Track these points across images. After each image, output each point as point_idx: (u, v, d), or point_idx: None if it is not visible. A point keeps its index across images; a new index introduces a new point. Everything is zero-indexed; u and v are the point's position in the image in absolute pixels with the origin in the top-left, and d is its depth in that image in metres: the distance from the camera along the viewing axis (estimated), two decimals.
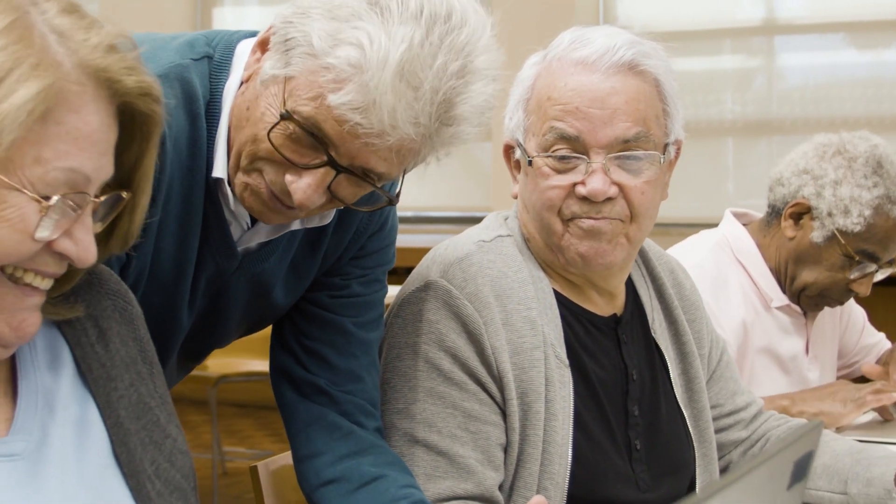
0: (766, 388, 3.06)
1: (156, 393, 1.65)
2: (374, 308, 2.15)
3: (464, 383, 2.08)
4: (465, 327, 2.08)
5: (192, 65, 1.86)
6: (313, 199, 1.78)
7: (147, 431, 1.60)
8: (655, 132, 2.14)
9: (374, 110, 1.69)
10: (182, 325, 1.98)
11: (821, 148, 3.07)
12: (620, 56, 2.12)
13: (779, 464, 1.32)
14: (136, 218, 1.56)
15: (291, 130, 1.75)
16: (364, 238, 2.10)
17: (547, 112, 2.13)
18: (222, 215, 1.92)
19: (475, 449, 2.06)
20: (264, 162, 1.79)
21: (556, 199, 2.13)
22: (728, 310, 3.01)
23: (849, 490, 2.29)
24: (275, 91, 1.76)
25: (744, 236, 3.15)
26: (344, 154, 1.75)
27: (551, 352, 2.12)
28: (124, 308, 1.66)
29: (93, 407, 1.57)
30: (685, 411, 2.31)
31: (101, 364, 1.59)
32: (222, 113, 1.87)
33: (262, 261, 2.00)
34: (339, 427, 2.07)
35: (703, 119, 6.93)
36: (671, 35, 7.03)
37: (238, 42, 1.91)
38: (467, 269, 2.13)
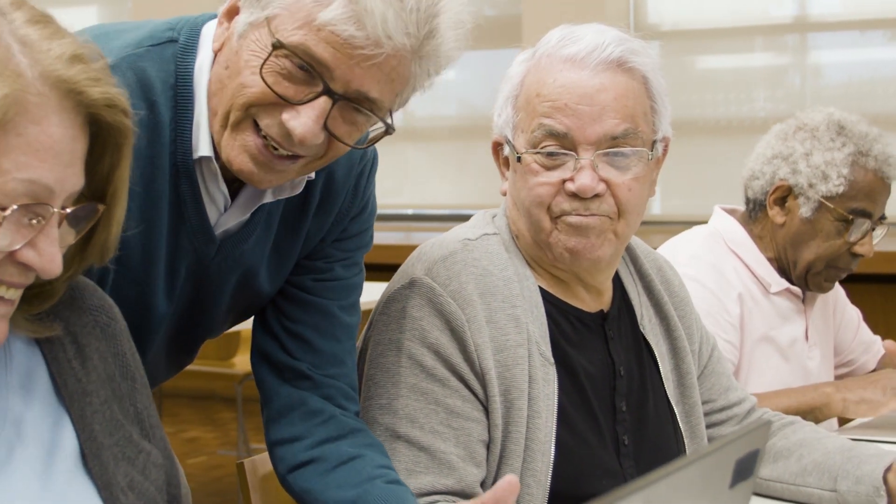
0: (766, 376, 3.07)
1: (132, 408, 1.66)
2: (355, 291, 2.17)
3: (446, 380, 2.10)
4: (448, 324, 2.11)
5: (150, 52, 1.87)
6: (314, 132, 1.78)
7: (120, 447, 1.61)
8: (644, 129, 2.16)
9: (367, 18, 1.71)
10: (160, 315, 1.99)
11: (781, 132, 3.13)
12: (609, 53, 2.14)
13: (717, 462, 1.33)
14: (112, 229, 1.56)
15: (282, 65, 1.76)
16: (346, 221, 2.12)
17: (536, 109, 2.15)
18: (199, 199, 1.92)
19: (457, 445, 2.08)
20: (257, 108, 1.80)
21: (546, 196, 2.15)
22: (732, 296, 3.02)
23: (838, 487, 2.29)
24: (256, 36, 1.78)
25: (735, 227, 3.17)
26: (339, 79, 1.76)
27: (535, 349, 2.14)
28: (106, 324, 1.67)
29: (67, 422, 1.57)
30: (676, 407, 2.33)
31: (77, 380, 1.59)
32: (196, 94, 1.88)
33: (242, 242, 2.00)
34: (321, 412, 2.09)
35: (735, 117, 6.92)
36: (702, 33, 7.08)
37: (203, 24, 1.92)
38: (451, 267, 2.15)
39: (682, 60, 7.17)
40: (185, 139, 1.88)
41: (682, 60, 7.17)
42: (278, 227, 2.05)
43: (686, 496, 1.26)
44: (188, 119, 1.87)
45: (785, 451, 2.39)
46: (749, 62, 7.10)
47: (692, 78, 7.13)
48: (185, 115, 1.87)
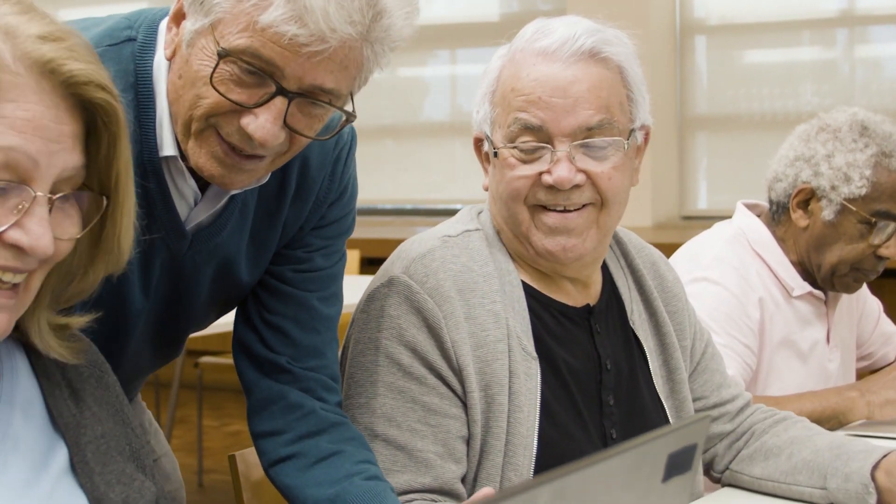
0: (785, 379, 3.04)
1: (128, 447, 1.67)
2: (336, 281, 2.17)
3: (423, 377, 2.10)
4: (425, 322, 2.11)
5: (108, 51, 1.87)
6: (274, 133, 1.78)
7: (114, 475, 1.61)
8: (619, 119, 2.16)
9: (308, 16, 1.70)
10: (137, 309, 2.00)
11: (804, 134, 3.07)
12: (581, 44, 2.14)
13: (646, 455, 1.32)
14: (121, 223, 1.56)
15: (231, 72, 1.76)
16: (324, 207, 2.11)
17: (511, 103, 2.15)
18: (168, 196, 1.93)
19: (435, 442, 2.09)
20: (216, 118, 1.80)
21: (522, 189, 2.15)
22: (753, 300, 3.00)
23: (828, 485, 2.27)
24: (203, 44, 1.77)
25: (759, 227, 3.13)
26: (290, 76, 1.75)
27: (517, 344, 2.14)
28: (100, 377, 1.69)
29: (62, 445, 1.59)
30: (666, 402, 2.32)
31: (72, 414, 1.61)
32: (156, 92, 1.88)
33: (215, 235, 2.00)
34: (301, 406, 2.10)
35: (781, 111, 6.86)
36: (749, 27, 7.02)
37: (161, 20, 1.92)
38: (429, 265, 2.15)
39: (728, 55, 7.13)
40: (149, 138, 1.88)
41: (728, 55, 7.13)
42: (255, 216, 2.05)
43: (606, 489, 1.25)
44: (150, 118, 1.88)
45: (776, 449, 2.38)
46: (796, 56, 7.04)
47: (739, 72, 7.09)
48: (147, 114, 1.88)
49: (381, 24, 1.78)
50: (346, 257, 2.23)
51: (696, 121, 7.18)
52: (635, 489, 1.32)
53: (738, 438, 2.45)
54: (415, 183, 7.92)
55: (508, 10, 7.86)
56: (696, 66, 7.18)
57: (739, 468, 2.42)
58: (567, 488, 1.19)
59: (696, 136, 7.20)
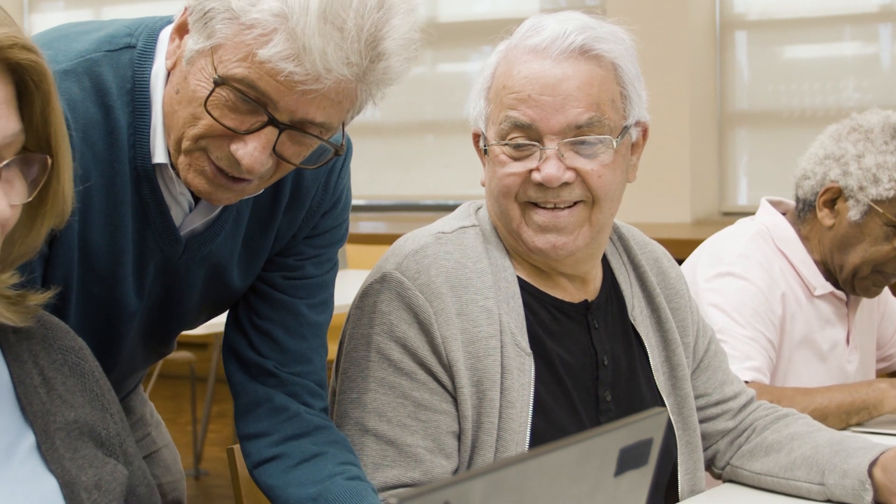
0: (802, 378, 3.03)
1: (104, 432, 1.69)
2: (326, 289, 2.19)
3: (414, 373, 2.12)
4: (416, 318, 2.12)
5: (107, 57, 1.89)
6: (261, 161, 1.80)
7: (86, 459, 1.64)
8: (611, 116, 2.16)
9: (305, 56, 1.72)
10: (130, 311, 2.03)
11: (835, 133, 3.05)
12: (571, 42, 2.14)
13: (595, 449, 1.33)
14: (63, 180, 1.59)
15: (227, 98, 1.78)
16: (317, 217, 2.13)
17: (503, 101, 2.16)
18: (162, 202, 1.95)
19: (425, 437, 2.10)
20: (207, 140, 1.82)
21: (513, 186, 2.16)
22: (776, 296, 3.00)
23: (826, 481, 2.27)
24: (202, 64, 1.79)
25: (784, 224, 3.12)
26: (283, 109, 1.77)
27: (510, 340, 2.15)
28: (76, 363, 1.71)
29: (29, 433, 1.61)
30: (668, 399, 2.32)
31: (42, 402, 1.64)
32: (152, 100, 1.90)
33: (209, 241, 2.02)
34: (286, 409, 2.12)
35: (821, 107, 6.82)
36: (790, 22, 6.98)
37: (161, 29, 1.94)
38: (421, 261, 2.16)
39: (769, 50, 7.09)
40: (143, 144, 1.90)
41: (769, 50, 7.09)
42: (249, 224, 2.07)
43: (549, 483, 1.26)
44: (146, 124, 1.90)
45: (776, 445, 2.37)
46: (838, 51, 6.99)
47: (779, 68, 7.05)
48: (142, 121, 1.90)
49: (378, 67, 1.79)
50: (339, 266, 2.24)
51: (736, 117, 7.14)
52: (584, 483, 1.33)
53: (740, 435, 2.45)
54: (456, 179, 7.93)
55: (551, 5, 7.85)
56: (737, 61, 7.14)
57: (740, 463, 2.42)
58: (505, 481, 1.20)
59: (736, 132, 7.17)
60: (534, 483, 1.24)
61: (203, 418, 6.17)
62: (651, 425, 1.43)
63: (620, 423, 1.39)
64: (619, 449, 1.37)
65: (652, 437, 1.43)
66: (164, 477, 2.54)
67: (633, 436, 1.39)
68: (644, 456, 1.43)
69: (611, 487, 1.38)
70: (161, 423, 2.62)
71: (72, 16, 9.17)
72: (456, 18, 8.06)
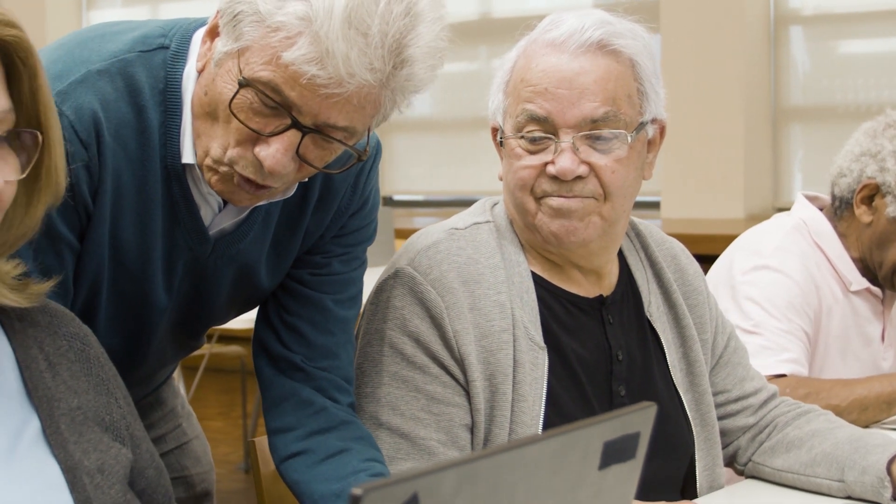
0: (837, 373, 3.00)
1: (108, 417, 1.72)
2: (353, 285, 2.21)
3: (426, 367, 2.14)
4: (427, 312, 2.14)
5: (140, 57, 1.92)
6: (283, 164, 1.82)
7: (91, 444, 1.67)
8: (626, 111, 2.16)
9: (328, 59, 1.73)
10: (160, 308, 2.06)
11: (870, 130, 3.04)
12: (588, 36, 2.16)
13: (575, 443, 1.33)
14: (55, 155, 1.62)
15: (251, 100, 1.80)
16: (345, 217, 2.15)
17: (520, 94, 2.18)
18: (192, 201, 1.97)
19: (438, 430, 2.12)
20: (235, 148, 1.84)
21: (528, 179, 2.17)
22: (812, 290, 2.98)
23: (845, 478, 2.26)
24: (229, 66, 1.81)
25: (821, 219, 3.10)
26: (307, 113, 1.79)
27: (522, 334, 2.16)
28: (81, 349, 1.74)
29: (35, 419, 1.64)
30: (685, 395, 2.32)
31: (46, 387, 1.67)
32: (183, 101, 1.92)
33: (238, 241, 2.05)
34: (312, 403, 2.14)
35: (876, 102, 6.76)
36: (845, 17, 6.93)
37: (195, 30, 1.96)
38: (433, 257, 2.18)
39: (824, 45, 7.04)
40: (173, 144, 1.93)
41: (824, 45, 7.04)
42: (278, 225, 2.09)
43: (526, 476, 1.26)
44: (176, 124, 1.93)
45: (797, 441, 2.37)
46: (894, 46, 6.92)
47: (834, 63, 7.00)
48: (173, 121, 1.93)
49: (402, 73, 1.80)
50: (367, 264, 2.26)
51: (790, 112, 7.09)
52: (565, 476, 1.33)
53: (761, 431, 2.44)
54: None
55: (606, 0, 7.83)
56: (791, 56, 7.09)
57: (761, 460, 2.41)
58: (478, 474, 1.20)
59: (791, 127, 7.12)
60: (510, 475, 1.24)
61: (253, 412, 6.22)
62: (638, 419, 1.43)
63: (605, 417, 1.39)
64: (604, 442, 1.38)
65: (639, 431, 1.43)
66: (194, 468, 2.58)
67: (618, 430, 1.40)
68: (631, 450, 1.43)
69: (596, 480, 1.38)
70: (192, 414, 2.66)
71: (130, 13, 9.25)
72: (510, 14, 8.05)
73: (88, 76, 1.88)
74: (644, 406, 1.44)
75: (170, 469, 2.47)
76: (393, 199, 8.60)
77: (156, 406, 2.50)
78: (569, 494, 1.35)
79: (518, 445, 1.26)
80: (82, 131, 1.85)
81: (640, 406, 1.44)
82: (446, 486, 1.17)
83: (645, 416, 1.44)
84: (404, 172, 8.52)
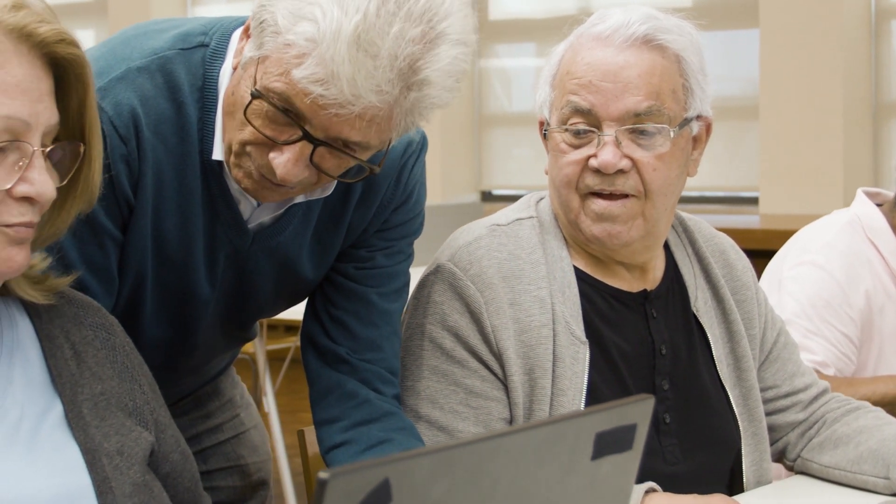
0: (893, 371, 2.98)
1: (131, 403, 1.78)
2: (398, 278, 2.23)
3: (465, 361, 2.17)
4: (467, 307, 2.17)
5: (180, 54, 1.97)
6: (294, 173, 1.86)
7: (113, 427, 1.73)
8: (670, 106, 2.17)
9: (333, 81, 1.76)
10: (203, 299, 2.11)
11: None
12: (634, 31, 2.18)
13: (563, 433, 1.35)
14: (94, 167, 1.70)
15: (266, 108, 1.84)
16: (388, 212, 2.17)
17: (566, 87, 2.20)
18: (229, 195, 2.02)
19: (476, 424, 2.14)
20: (251, 146, 1.89)
21: (573, 175, 2.20)
22: (859, 290, 2.95)
23: (891, 475, 2.24)
24: (251, 72, 1.86)
25: (876, 215, 3.07)
26: (317, 126, 1.82)
27: (563, 328, 2.18)
28: (106, 338, 1.80)
29: (58, 404, 1.71)
30: (732, 390, 2.32)
31: (71, 374, 1.73)
32: (219, 97, 1.97)
33: (277, 234, 2.09)
34: (356, 395, 2.17)
35: None
36: None
37: (234, 29, 2.00)
38: (474, 252, 2.21)
39: None
40: (209, 140, 1.98)
41: None
42: (320, 219, 2.12)
43: (511, 465, 1.28)
44: (211, 120, 1.98)
45: (845, 438, 2.35)
46: None
47: None
48: (209, 117, 1.98)
49: (414, 95, 1.82)
50: (413, 258, 2.28)
51: (891, 106, 6.98)
52: (554, 466, 1.34)
53: (810, 427, 2.43)
54: None
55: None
56: (892, 51, 6.97)
57: (810, 456, 2.40)
58: (454, 462, 1.21)
59: (891, 122, 7.00)
60: (491, 464, 1.25)
61: None
62: (635, 411, 1.44)
63: (597, 408, 1.41)
64: (596, 433, 1.38)
65: (636, 423, 1.44)
66: (251, 457, 2.62)
67: (611, 421, 1.40)
68: (627, 441, 1.44)
69: (588, 471, 1.39)
70: (252, 404, 2.70)
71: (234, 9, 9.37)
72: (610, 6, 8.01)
73: (128, 73, 1.95)
74: (641, 398, 1.45)
75: (226, 458, 2.54)
76: (491, 195, 8.63)
77: (213, 396, 2.56)
78: (558, 484, 1.36)
79: (498, 435, 1.28)
80: (121, 126, 1.92)
81: (637, 398, 1.44)
82: (420, 473, 1.18)
83: (642, 408, 1.45)
84: (502, 167, 8.55)
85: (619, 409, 1.42)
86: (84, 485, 1.65)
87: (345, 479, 1.10)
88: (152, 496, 1.72)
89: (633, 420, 1.44)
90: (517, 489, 1.30)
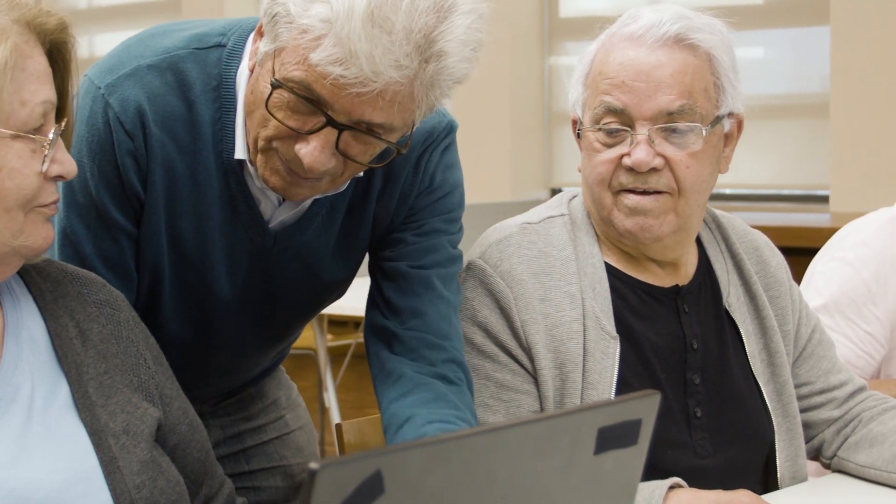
0: None
1: (136, 379, 1.82)
2: (436, 251, 2.19)
3: (495, 355, 2.20)
4: (497, 303, 2.20)
5: (194, 53, 2.00)
6: (321, 161, 1.87)
7: (119, 405, 1.78)
8: (703, 105, 2.19)
9: (352, 60, 1.77)
10: (224, 298, 2.12)
11: None
12: (666, 30, 2.19)
13: (565, 427, 1.36)
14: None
15: (287, 99, 1.85)
16: (411, 199, 2.16)
17: (598, 86, 2.22)
18: (249, 194, 2.04)
19: (507, 417, 2.17)
20: (277, 141, 1.90)
21: (606, 174, 2.22)
22: (890, 289, 2.93)
23: None
24: (268, 66, 1.87)
25: None
26: (340, 111, 1.83)
27: (593, 323, 2.19)
28: (111, 314, 1.85)
29: (64, 384, 1.76)
30: (765, 386, 2.32)
31: (76, 353, 1.78)
32: (237, 98, 1.99)
33: (300, 233, 2.10)
34: (391, 373, 2.13)
35: None
36: None
37: (252, 30, 2.02)
38: (504, 250, 2.24)
39: None
40: (229, 139, 2.00)
41: None
42: (345, 215, 2.14)
43: (507, 459, 1.29)
44: (231, 120, 2.00)
45: (880, 437, 2.34)
46: None
47: None
48: (227, 117, 2.00)
49: (431, 68, 1.82)
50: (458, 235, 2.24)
51: None
52: (554, 460, 1.35)
53: (846, 425, 2.42)
54: None
55: None
56: None
57: (846, 455, 2.39)
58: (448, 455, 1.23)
59: None
60: (488, 457, 1.27)
61: None
62: (640, 406, 1.45)
63: (600, 403, 1.42)
64: (598, 428, 1.39)
65: (640, 419, 1.45)
66: (294, 458, 2.61)
67: (615, 416, 1.42)
68: (632, 436, 1.45)
69: (591, 465, 1.41)
70: (300, 405, 2.69)
71: None
72: None
73: (138, 70, 1.98)
74: (647, 393, 1.46)
75: (268, 458, 2.55)
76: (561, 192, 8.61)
77: (256, 398, 2.56)
78: (558, 479, 1.37)
79: (495, 428, 1.30)
80: (127, 122, 1.95)
81: (643, 393, 1.46)
82: (413, 465, 1.19)
83: (648, 403, 1.46)
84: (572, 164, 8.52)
85: (623, 405, 1.43)
86: (91, 466, 1.70)
87: (335, 470, 1.11)
88: (160, 472, 1.77)
89: (639, 415, 1.45)
90: (516, 482, 1.32)
